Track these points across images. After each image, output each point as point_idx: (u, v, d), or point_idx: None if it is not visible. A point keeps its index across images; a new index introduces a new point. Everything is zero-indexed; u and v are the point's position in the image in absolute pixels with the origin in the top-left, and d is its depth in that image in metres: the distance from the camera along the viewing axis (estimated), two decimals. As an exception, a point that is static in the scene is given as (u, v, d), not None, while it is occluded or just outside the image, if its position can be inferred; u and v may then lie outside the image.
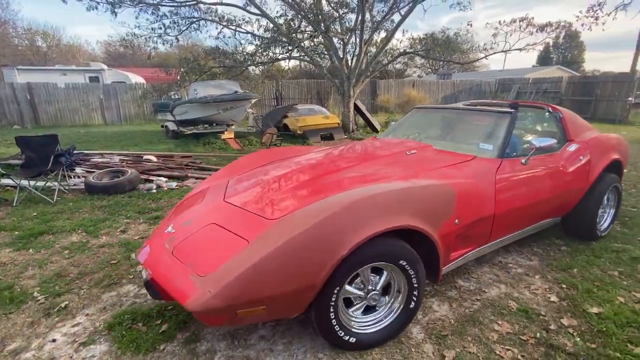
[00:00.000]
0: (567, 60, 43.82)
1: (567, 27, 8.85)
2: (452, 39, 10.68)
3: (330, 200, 1.72)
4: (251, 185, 2.26)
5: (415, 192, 1.88)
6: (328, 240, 1.54)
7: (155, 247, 1.90)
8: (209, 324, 1.86)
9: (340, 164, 2.44)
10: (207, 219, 1.93)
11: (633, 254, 2.78)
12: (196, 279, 1.52)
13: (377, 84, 18.01)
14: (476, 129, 2.98)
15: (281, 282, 1.48)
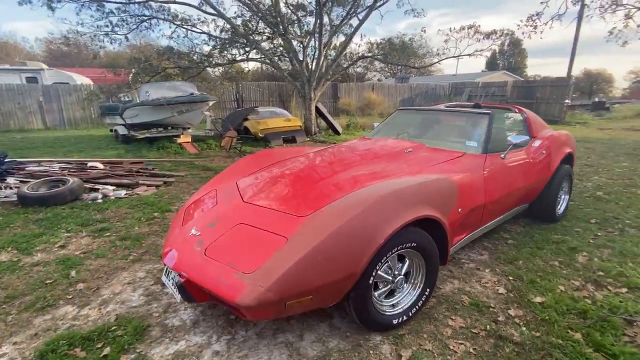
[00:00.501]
0: (512, 66, 47.45)
1: (510, 35, 9.54)
2: (408, 44, 11.11)
3: (360, 194, 1.90)
4: (266, 185, 2.35)
5: (429, 186, 2.09)
6: (366, 231, 1.69)
7: (183, 250, 1.90)
8: (255, 319, 1.89)
9: (347, 162, 2.59)
10: (233, 220, 1.98)
11: (571, 244, 3.01)
12: (242, 277, 1.57)
13: (338, 87, 18.27)
14: (460, 129, 3.32)
15: (327, 273, 1.60)
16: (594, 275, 2.51)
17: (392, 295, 2.03)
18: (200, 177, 5.68)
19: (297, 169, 2.57)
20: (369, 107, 17.79)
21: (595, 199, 4.46)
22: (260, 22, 9.66)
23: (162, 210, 4.02)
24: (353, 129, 12.22)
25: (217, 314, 2.14)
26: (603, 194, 4.68)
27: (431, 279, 2.07)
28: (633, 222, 3.57)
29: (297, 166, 2.65)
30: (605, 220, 3.65)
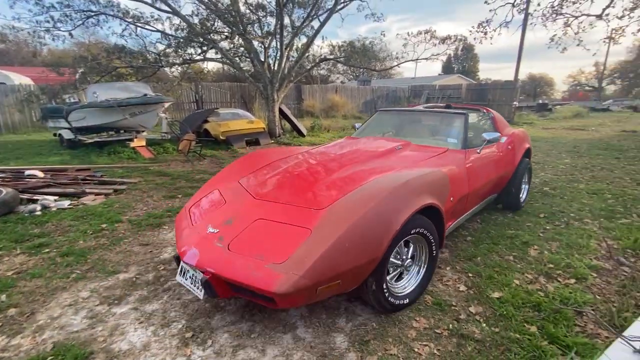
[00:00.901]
0: (466, 70, 50.26)
1: (463, 41, 10.05)
2: (369, 48, 11.32)
3: (371, 186, 2.08)
4: (273, 183, 2.44)
5: (429, 177, 2.31)
6: (384, 219, 1.87)
7: (204, 247, 1.92)
8: (287, 307, 1.94)
9: (345, 160, 2.72)
10: (251, 216, 2.05)
11: (523, 238, 3.17)
12: (274, 267, 1.65)
13: (302, 89, 18.22)
14: (439, 127, 3.66)
15: (353, 258, 1.73)
16: (545, 267, 2.65)
17: (401, 279, 2.23)
18: (156, 183, 5.34)
19: (298, 167, 2.67)
20: (333, 109, 17.91)
21: (542, 194, 4.77)
22: (218, 21, 9.34)
23: (112, 221, 3.71)
24: (318, 130, 12.22)
25: (171, 334, 1.98)
26: (549, 189, 5.03)
27: (433, 261, 2.28)
28: (576, 215, 3.85)
29: (297, 164, 2.75)
30: (552, 214, 3.90)
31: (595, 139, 11.06)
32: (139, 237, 3.34)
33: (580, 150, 8.57)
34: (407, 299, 2.15)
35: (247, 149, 8.86)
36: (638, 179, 5.52)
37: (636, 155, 7.82)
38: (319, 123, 12.65)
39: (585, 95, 49.84)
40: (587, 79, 54.08)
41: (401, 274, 2.21)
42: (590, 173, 6.05)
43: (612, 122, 17.44)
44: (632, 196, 4.55)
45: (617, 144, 9.58)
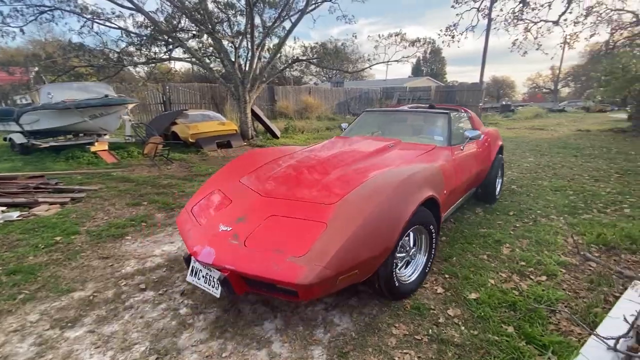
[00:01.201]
0: (434, 73, 51.91)
1: (432, 44, 10.32)
2: (341, 49, 11.34)
3: (378, 181, 2.18)
4: (277, 181, 2.46)
5: (427, 172, 2.45)
6: (394, 211, 2.00)
7: (219, 245, 1.92)
8: (308, 298, 1.89)
9: (343, 157, 2.81)
10: (262, 213, 2.08)
11: (496, 237, 3.23)
12: (296, 260, 1.70)
13: (275, 90, 18.01)
14: (425, 126, 3.85)
15: (369, 249, 1.83)
16: (517, 265, 2.69)
17: (406, 267, 2.36)
18: (119, 189, 5.00)
19: (298, 166, 2.71)
20: (307, 111, 17.81)
21: (510, 192, 4.93)
22: (185, 19, 8.98)
23: (67, 233, 3.40)
24: (292, 132, 12.09)
25: (132, 358, 1.80)
26: (516, 187, 5.21)
27: (433, 249, 2.44)
28: (543, 212, 3.99)
29: (297, 163, 2.78)
30: (521, 212, 4.02)
31: (554, 138, 11.71)
32: (98, 250, 3.08)
33: (541, 149, 9.02)
34: (413, 286, 2.30)
35: (218, 151, 8.58)
36: (595, 176, 5.85)
37: (591, 153, 8.33)
38: (293, 124, 12.52)
39: (543, 97, 53.03)
40: (544, 81, 57.68)
41: (408, 262, 2.37)
42: (552, 171, 6.36)
43: (568, 122, 18.60)
44: (591, 192, 4.81)
45: (574, 143, 10.18)
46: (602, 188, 5.05)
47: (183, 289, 2.43)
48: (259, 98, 17.20)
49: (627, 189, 4.95)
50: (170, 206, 4.25)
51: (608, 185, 5.23)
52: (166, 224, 3.70)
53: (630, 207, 4.15)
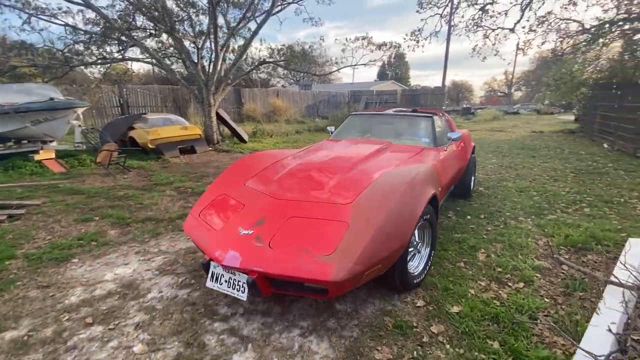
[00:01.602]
0: (399, 77, 53.48)
1: (398, 48, 10.48)
2: (308, 52, 11.22)
3: (387, 181, 2.33)
4: (287, 184, 2.52)
5: (427, 171, 2.61)
6: (408, 208, 2.16)
7: (244, 248, 1.93)
8: (337, 294, 1.92)
9: (343, 159, 2.92)
10: (282, 215, 2.11)
11: (470, 242, 3.21)
12: (325, 258, 1.77)
13: (242, 93, 17.54)
14: (411, 129, 4.03)
15: (390, 244, 1.95)
16: (494, 272, 2.66)
17: (412, 260, 2.49)
18: (66, 203, 4.49)
19: (302, 169, 2.78)
20: (275, 114, 17.52)
21: (479, 194, 5.01)
22: (141, 16, 8.41)
23: (1, 258, 2.93)
24: (260, 136, 11.77)
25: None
26: (484, 189, 5.33)
27: (434, 242, 2.64)
28: (511, 214, 4.07)
29: (299, 166, 2.84)
30: (491, 214, 4.07)
31: (512, 139, 12.34)
32: (37, 278, 2.67)
33: (502, 151, 9.42)
34: (420, 277, 2.45)
35: (181, 157, 8.09)
36: (554, 176, 6.14)
37: (547, 153, 8.82)
38: (261, 128, 12.20)
39: (498, 100, 56.42)
40: (499, 85, 61.46)
41: (414, 255, 2.49)
42: (515, 172, 6.61)
43: (522, 124, 19.77)
44: (552, 192, 5.01)
45: (530, 144, 10.76)
46: (561, 188, 5.29)
47: (138, 320, 2.13)
48: (224, 101, 16.66)
49: (583, 189, 5.22)
50: (126, 221, 3.85)
51: (566, 185, 5.50)
52: (120, 242, 3.32)
53: (589, 207, 4.34)
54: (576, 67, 14.22)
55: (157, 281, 2.59)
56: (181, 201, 4.68)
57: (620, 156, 8.15)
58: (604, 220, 3.80)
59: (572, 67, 14.12)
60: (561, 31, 11.98)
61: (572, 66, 14.00)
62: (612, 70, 12.83)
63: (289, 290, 1.94)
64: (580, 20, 11.05)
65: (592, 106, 12.44)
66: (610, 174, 6.33)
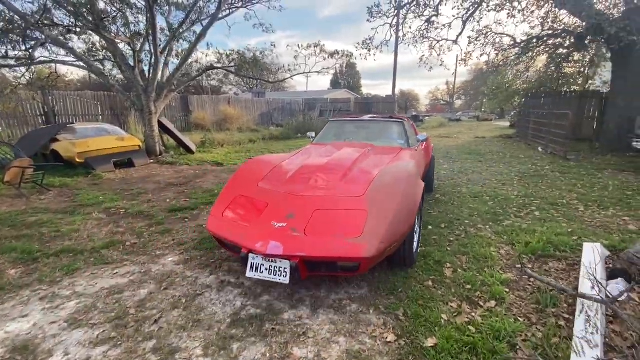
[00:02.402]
0: (351, 85, 54.87)
1: (350, 56, 10.50)
2: (259, 58, 10.81)
3: (388, 175, 2.77)
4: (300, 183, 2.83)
5: (414, 166, 3.07)
6: (412, 196, 2.64)
7: (283, 238, 2.22)
8: (366, 269, 2.27)
9: (339, 159, 3.32)
10: (308, 209, 2.44)
11: (435, 256, 3.03)
12: (356, 240, 2.15)
13: (190, 100, 16.53)
14: (387, 132, 4.50)
15: (403, 226, 2.38)
16: (464, 291, 2.48)
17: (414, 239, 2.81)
18: (-46, 236, 3.58)
19: (307, 170, 3.08)
20: (227, 122, 16.71)
21: (436, 201, 4.97)
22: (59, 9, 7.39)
23: None
24: (210, 146, 11.01)
25: None
26: (440, 195, 5.32)
27: (421, 225, 3.19)
28: (470, 222, 4.02)
29: (305, 167, 3.16)
30: (451, 223, 3.99)
31: (459, 145, 12.97)
32: None
33: (452, 156, 9.77)
34: (416, 254, 2.89)
35: (116, 172, 7.17)
36: (501, 180, 6.39)
37: (492, 158, 9.30)
38: (211, 137, 11.45)
39: (442, 108, 60.39)
40: (441, 94, 65.94)
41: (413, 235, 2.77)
42: (466, 177, 6.78)
43: (466, 130, 21.10)
44: (503, 197, 5.13)
45: (476, 149, 11.35)
46: (510, 192, 5.47)
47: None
48: (170, 108, 15.56)
49: (530, 192, 5.44)
50: (34, 255, 3.12)
51: (514, 188, 5.70)
52: (21, 285, 2.63)
53: (538, 210, 4.47)
54: (509, 78, 15.48)
55: (63, 338, 2.01)
56: (110, 225, 4.00)
57: (553, 159, 8.83)
58: (555, 224, 3.89)
59: (506, 78, 15.35)
60: (496, 45, 12.94)
61: (506, 77, 15.20)
62: (539, 81, 14.14)
63: (322, 271, 2.28)
64: (513, 35, 12.00)
65: (526, 113, 13.55)
66: (549, 176, 6.74)
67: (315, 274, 2.36)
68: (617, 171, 7.17)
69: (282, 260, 2.15)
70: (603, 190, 5.49)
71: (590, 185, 5.85)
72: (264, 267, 2.20)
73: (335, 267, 2.21)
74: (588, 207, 4.60)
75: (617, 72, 9.51)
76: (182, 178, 6.72)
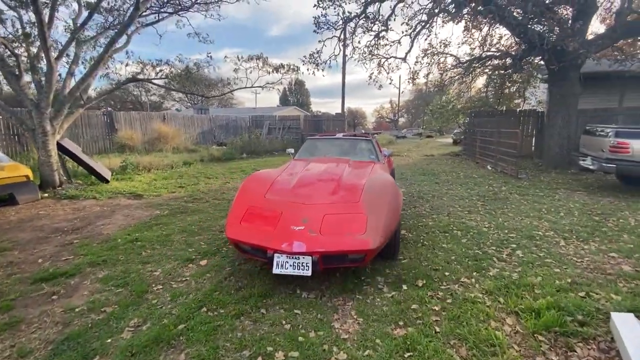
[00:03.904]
0: (300, 103, 54.84)
1: (296, 71, 9.68)
2: (193, 70, 9.48)
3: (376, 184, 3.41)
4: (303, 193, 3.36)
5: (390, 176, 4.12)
6: (396, 200, 3.30)
7: (305, 238, 2.70)
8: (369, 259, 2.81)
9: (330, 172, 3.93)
10: (318, 214, 2.94)
11: (420, 346, 2.05)
12: (362, 236, 2.70)
13: (116, 117, 14.40)
14: (358, 148, 5.23)
15: (393, 224, 3.04)
16: None
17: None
18: None
19: (304, 182, 3.64)
20: (161, 141, 14.78)
21: (404, 242, 4.09)
22: None
23: None
24: (132, 171, 9.22)
25: None
26: (406, 231, 4.47)
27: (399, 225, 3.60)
28: (451, 273, 3.17)
29: (301, 180, 3.68)
30: (429, 277, 3.09)
31: (411, 164, 12.70)
32: None
33: (407, 177, 9.25)
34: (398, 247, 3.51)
35: (-15, 214, 5.30)
36: (465, 206, 5.80)
37: (447, 179, 8.92)
38: (135, 161, 9.67)
39: (388, 126, 62.89)
40: (386, 113, 68.88)
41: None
42: (428, 203, 6.12)
43: (414, 148, 21.44)
44: (475, 230, 4.45)
45: (428, 168, 11.06)
46: (480, 222, 4.83)
47: None
48: (90, 127, 13.33)
49: (500, 221, 4.85)
50: None
51: (482, 217, 5.10)
52: None
53: (519, 249, 3.81)
54: (453, 97, 15.91)
55: None
56: None
57: (505, 178, 8.69)
58: (547, 270, 3.20)
59: (451, 97, 15.75)
60: (440, 64, 13.11)
61: (450, 96, 15.59)
62: (482, 100, 14.64)
63: (334, 263, 2.78)
64: (456, 55, 12.18)
65: (472, 132, 13.81)
66: (510, 199, 6.35)
67: (329, 267, 2.79)
68: (569, 191, 7.07)
69: (305, 256, 2.60)
70: (570, 216, 5.11)
71: (555, 210, 5.48)
72: (288, 264, 2.61)
73: (345, 259, 2.72)
74: (568, 241, 4.06)
75: (553, 92, 9.87)
76: (78, 220, 5.10)
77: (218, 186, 7.89)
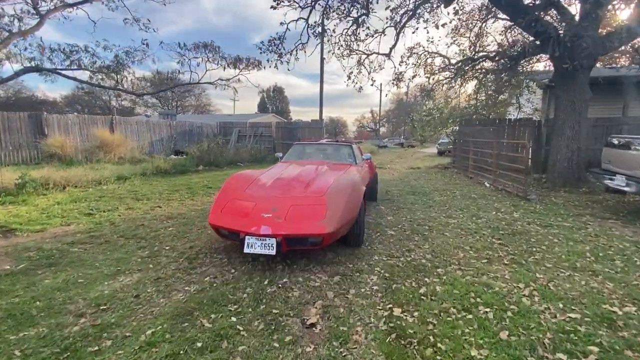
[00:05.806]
0: (280, 110, 53.06)
1: (258, 65, 7.81)
2: (122, 58, 7.43)
3: (341, 181, 3.97)
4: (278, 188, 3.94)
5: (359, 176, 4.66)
6: (357, 194, 3.91)
7: (271, 223, 3.26)
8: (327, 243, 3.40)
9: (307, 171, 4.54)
10: (286, 204, 3.50)
11: None
12: (320, 222, 3.26)
13: (46, 120, 11.99)
14: (339, 153, 5.98)
15: (351, 215, 3.59)
16: None
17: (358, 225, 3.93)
18: None
19: (282, 179, 4.22)
20: (105, 150, 12.43)
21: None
22: None
23: None
24: (36, 189, 6.95)
25: None
26: (404, 314, 2.65)
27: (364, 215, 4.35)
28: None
29: (280, 178, 4.28)
30: None
31: (396, 178, 11.01)
32: None
33: (393, 198, 7.49)
34: (362, 235, 4.09)
35: None
36: (479, 250, 4.04)
37: (441, 200, 7.22)
38: (44, 176, 7.41)
39: (369, 135, 61.96)
40: (367, 122, 68.06)
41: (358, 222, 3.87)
42: (426, 243, 4.34)
43: (397, 159, 19.96)
44: (511, 305, 2.66)
45: (418, 185, 9.38)
46: (511, 285, 3.07)
47: None
48: (10, 131, 10.88)
49: (541, 283, 3.10)
50: None
51: (510, 273, 3.34)
52: None
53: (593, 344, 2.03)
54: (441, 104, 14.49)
55: None
56: None
57: (512, 199, 7.09)
58: None
59: (438, 104, 14.32)
60: (427, 66, 11.64)
61: (438, 102, 14.15)
62: (473, 107, 13.23)
63: (296, 245, 3.32)
64: (446, 55, 10.71)
65: (464, 142, 12.32)
66: (531, 233, 4.69)
67: (292, 248, 3.34)
68: (599, 219, 5.50)
69: (270, 238, 3.16)
70: (634, 267, 3.45)
71: (604, 256, 3.85)
72: (257, 244, 3.18)
73: (306, 241, 3.29)
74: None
75: (561, 97, 8.46)
76: None
77: (142, 213, 5.81)
